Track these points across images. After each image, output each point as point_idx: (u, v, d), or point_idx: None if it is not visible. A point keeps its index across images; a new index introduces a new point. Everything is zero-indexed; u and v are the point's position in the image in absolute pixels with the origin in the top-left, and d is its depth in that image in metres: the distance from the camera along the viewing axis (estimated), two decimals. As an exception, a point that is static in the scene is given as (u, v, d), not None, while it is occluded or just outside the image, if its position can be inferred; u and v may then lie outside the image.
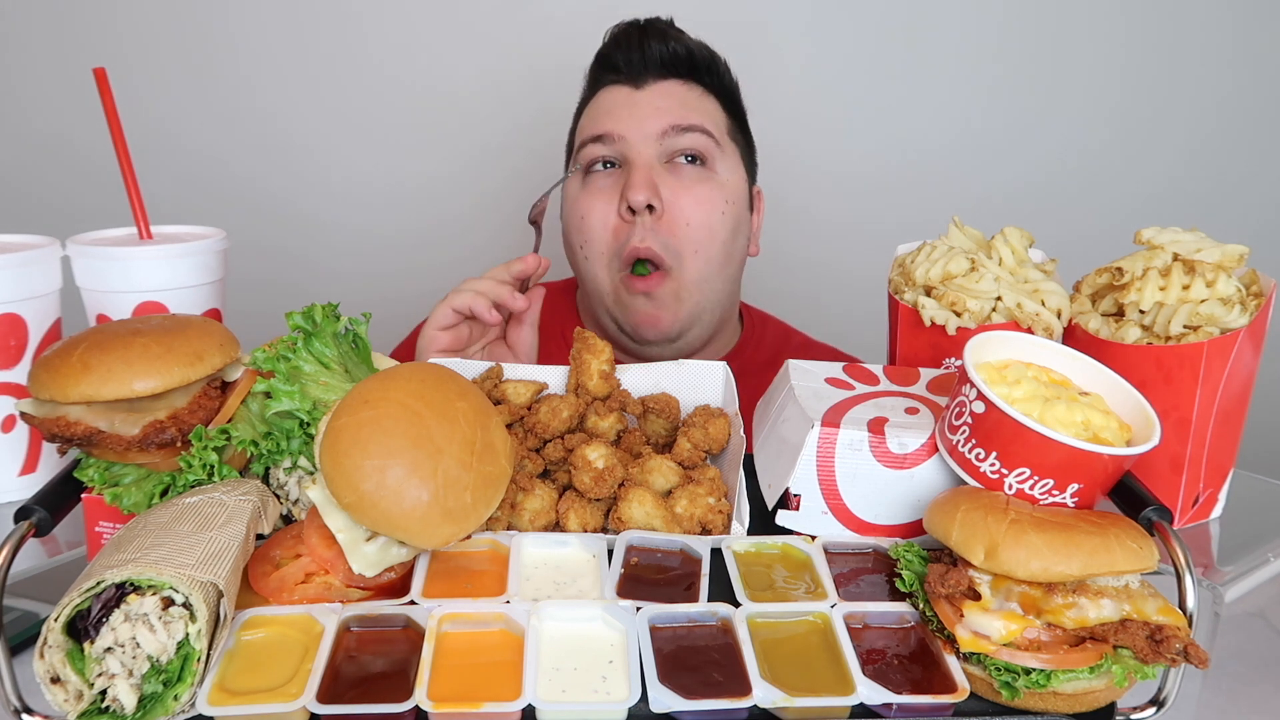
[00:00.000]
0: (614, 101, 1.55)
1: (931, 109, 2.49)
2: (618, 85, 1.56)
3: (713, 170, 1.55)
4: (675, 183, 1.52)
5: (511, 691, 0.81)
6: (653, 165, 1.51)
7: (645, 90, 1.54)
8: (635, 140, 1.51)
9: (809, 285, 2.39)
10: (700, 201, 1.52)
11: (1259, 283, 1.17)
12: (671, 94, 1.54)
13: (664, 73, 1.55)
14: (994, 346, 1.02)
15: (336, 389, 1.02)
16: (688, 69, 1.56)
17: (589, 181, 1.56)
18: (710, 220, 1.53)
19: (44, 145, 2.46)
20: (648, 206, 1.49)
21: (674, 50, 1.54)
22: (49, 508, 0.91)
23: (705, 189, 1.53)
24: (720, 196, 1.54)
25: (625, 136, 1.51)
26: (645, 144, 1.51)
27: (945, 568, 0.88)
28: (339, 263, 2.55)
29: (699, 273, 1.54)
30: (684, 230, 1.51)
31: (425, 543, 0.91)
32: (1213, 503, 1.25)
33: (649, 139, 1.51)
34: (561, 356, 1.26)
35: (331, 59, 2.43)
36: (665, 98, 1.53)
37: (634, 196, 1.48)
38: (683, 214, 1.51)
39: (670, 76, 1.55)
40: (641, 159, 1.51)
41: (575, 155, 1.59)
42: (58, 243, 1.31)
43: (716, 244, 1.54)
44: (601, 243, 1.54)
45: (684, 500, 1.06)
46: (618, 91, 1.56)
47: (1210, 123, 2.49)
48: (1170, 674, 0.86)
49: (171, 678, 0.80)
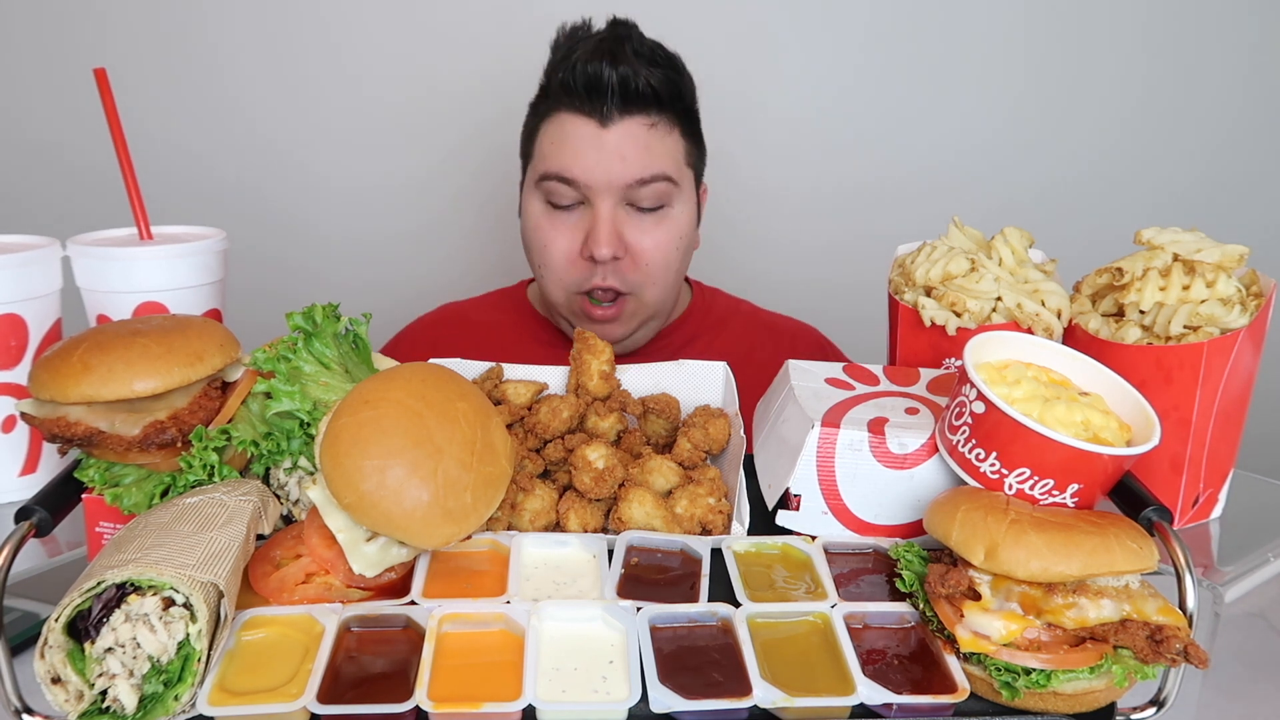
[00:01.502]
0: (580, 138, 1.55)
1: (933, 113, 2.49)
2: (581, 116, 1.55)
3: (670, 209, 1.61)
4: (636, 227, 1.58)
5: (511, 692, 0.81)
6: (615, 212, 1.57)
7: (611, 130, 1.54)
8: (600, 188, 1.55)
9: (810, 285, 2.39)
10: (659, 245, 1.60)
11: (1259, 283, 1.17)
12: (636, 137, 1.55)
13: (628, 108, 1.54)
14: (994, 347, 1.02)
15: (337, 389, 1.02)
16: (653, 100, 1.56)
17: (550, 215, 1.60)
18: (667, 258, 1.61)
19: (44, 146, 2.46)
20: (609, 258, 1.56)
21: (639, 88, 1.53)
22: (49, 508, 0.91)
23: (663, 232, 1.60)
24: (676, 234, 1.62)
25: (591, 185, 1.55)
26: (610, 192, 1.55)
27: (945, 568, 0.88)
28: (338, 261, 2.55)
29: (655, 298, 1.64)
30: (644, 269, 1.60)
31: (425, 543, 0.91)
32: (1213, 503, 1.25)
33: (614, 188, 1.55)
34: (530, 359, 1.27)
35: (322, 61, 2.44)
36: (631, 141, 1.55)
37: (599, 251, 1.54)
38: (643, 255, 1.59)
39: (635, 112, 1.56)
40: (605, 207, 1.56)
41: (538, 182, 1.60)
42: (58, 243, 1.31)
43: (671, 274, 1.64)
44: (562, 271, 1.61)
45: (684, 500, 1.06)
46: (582, 126, 1.55)
47: (1210, 123, 2.49)
48: (1170, 674, 0.86)
49: (172, 678, 0.80)
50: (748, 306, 1.89)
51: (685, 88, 1.62)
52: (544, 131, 1.61)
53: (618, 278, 1.58)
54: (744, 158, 2.47)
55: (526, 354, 1.28)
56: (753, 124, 2.49)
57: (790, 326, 1.86)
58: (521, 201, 1.67)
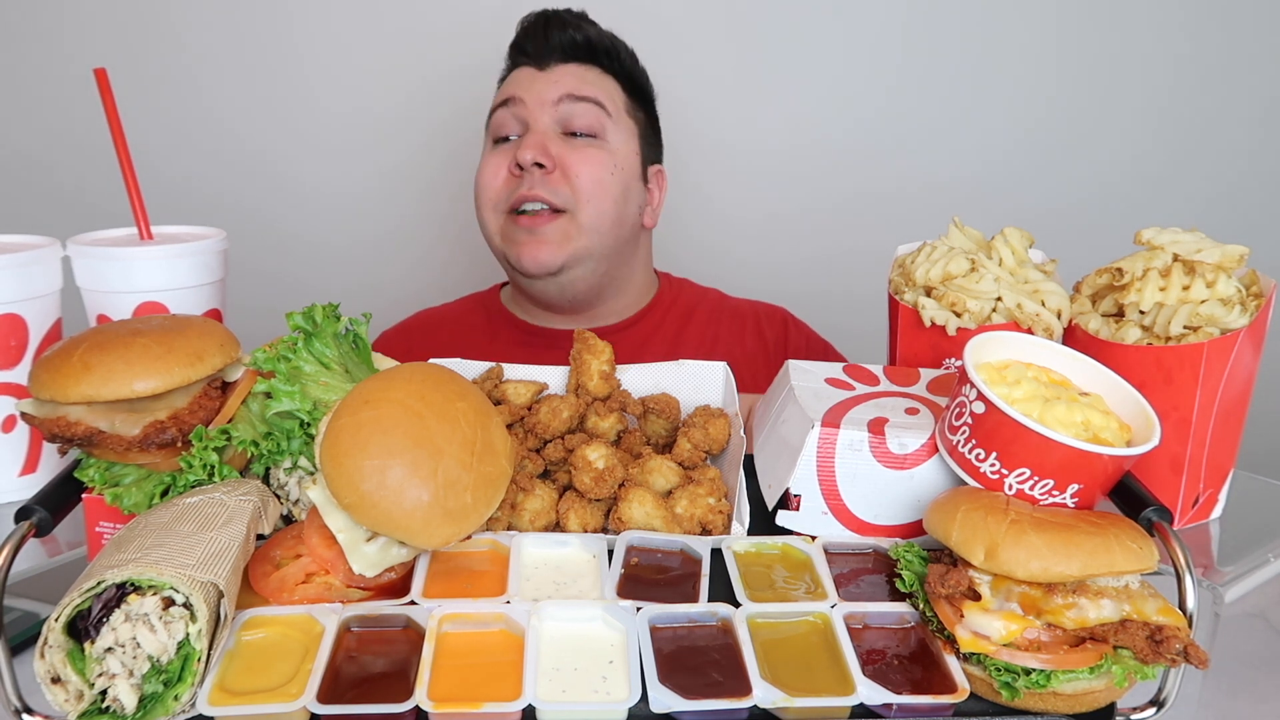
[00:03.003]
0: (520, 77, 1.72)
1: (931, 123, 2.49)
2: (523, 68, 1.73)
3: (604, 140, 1.70)
4: (566, 147, 1.67)
5: (511, 691, 0.81)
6: (547, 132, 1.66)
7: (548, 71, 1.71)
8: (533, 105, 1.67)
9: (809, 285, 2.39)
10: (588, 160, 1.66)
11: (1259, 283, 1.17)
12: (570, 73, 1.71)
13: (565, 57, 1.71)
14: (994, 347, 1.02)
15: (337, 389, 1.02)
16: (587, 54, 1.72)
17: (493, 150, 1.72)
18: (598, 175, 1.66)
19: (44, 146, 2.46)
20: (536, 164, 1.63)
21: (574, 38, 1.70)
22: (49, 508, 0.91)
23: (593, 151, 1.68)
24: (609, 159, 1.69)
25: (524, 100, 1.67)
26: (542, 109, 1.67)
27: (945, 568, 0.88)
28: (337, 262, 2.56)
29: (591, 220, 1.65)
30: (574, 182, 1.65)
31: (425, 543, 0.91)
32: (1213, 503, 1.25)
33: (545, 104, 1.67)
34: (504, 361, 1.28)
35: (308, 64, 2.45)
36: (565, 75, 1.70)
37: (522, 155, 1.63)
38: (571, 169, 1.65)
39: (572, 60, 1.71)
40: (538, 125, 1.66)
41: (487, 126, 1.75)
42: (58, 243, 1.31)
43: (608, 198, 1.66)
44: (492, 191, 1.69)
45: (684, 500, 1.06)
46: (524, 71, 1.72)
47: (1210, 123, 2.49)
48: (1170, 674, 0.86)
49: (172, 678, 0.80)
50: (715, 294, 1.92)
51: (624, 52, 1.76)
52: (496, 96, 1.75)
53: (546, 189, 1.63)
54: (740, 172, 2.47)
55: (500, 356, 1.29)
56: (755, 125, 2.49)
57: (756, 309, 1.89)
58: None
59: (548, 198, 1.63)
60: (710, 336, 1.80)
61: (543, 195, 1.62)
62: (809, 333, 1.88)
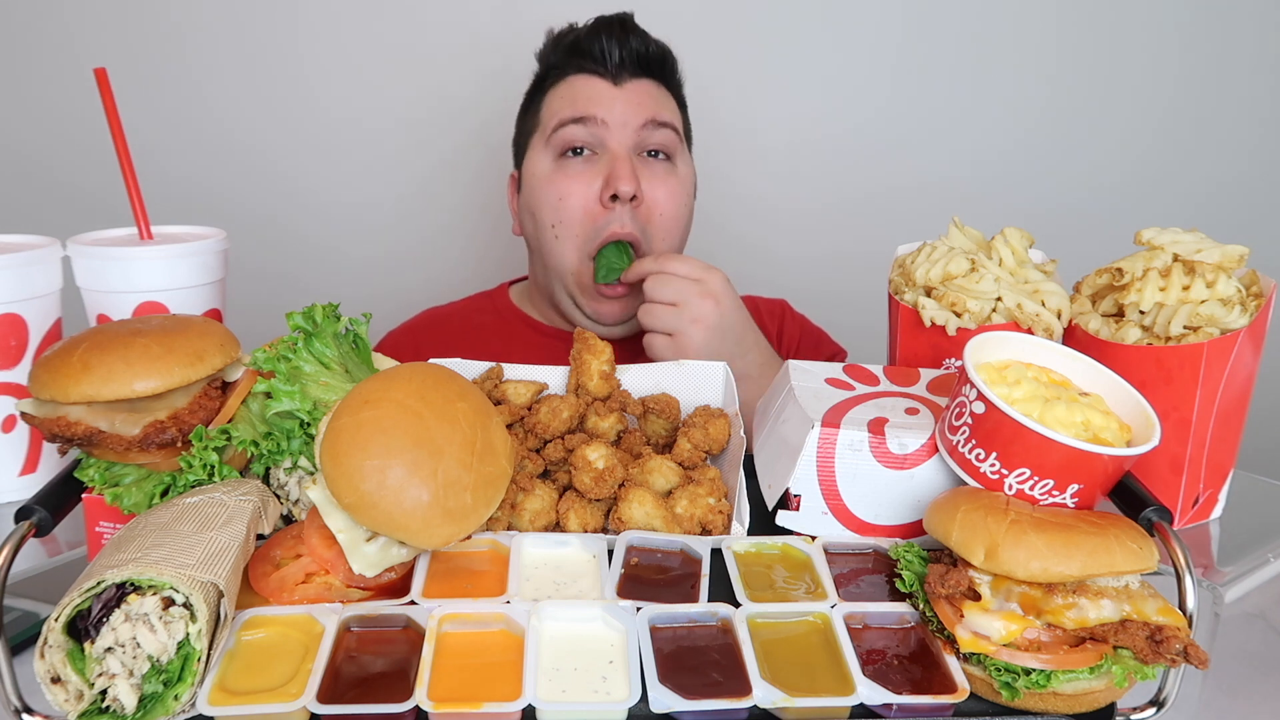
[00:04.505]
0: (595, 91, 1.62)
1: (934, 122, 2.49)
2: (594, 76, 1.63)
3: (675, 165, 1.67)
4: (650, 174, 1.62)
5: (511, 691, 0.81)
6: (632, 157, 1.61)
7: (623, 87, 1.63)
8: (616, 128, 1.60)
9: (810, 284, 2.39)
10: (672, 194, 1.64)
11: (1259, 283, 1.17)
12: (646, 92, 1.64)
13: (638, 71, 1.64)
14: (994, 347, 1.02)
15: (337, 389, 1.02)
16: (659, 69, 1.66)
17: (564, 165, 1.63)
18: (678, 210, 1.65)
19: (45, 146, 2.46)
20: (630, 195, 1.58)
21: (650, 51, 1.64)
22: (49, 508, 0.91)
23: (674, 181, 1.65)
24: (684, 189, 1.67)
25: (608, 123, 1.60)
26: (625, 133, 1.61)
27: (945, 568, 0.88)
28: (338, 265, 2.56)
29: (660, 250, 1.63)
30: (657, 219, 1.62)
31: (425, 543, 0.91)
32: (1213, 503, 1.25)
33: (629, 129, 1.61)
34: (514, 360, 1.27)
35: (318, 66, 2.44)
36: (642, 95, 1.63)
37: (622, 186, 1.57)
38: (658, 204, 1.62)
39: (643, 75, 1.64)
40: (622, 149, 1.60)
41: (550, 134, 1.64)
42: (58, 243, 1.31)
43: (680, 230, 1.67)
44: (577, 224, 1.61)
45: (684, 500, 1.06)
46: (596, 83, 1.63)
47: (1210, 123, 2.49)
48: (1170, 674, 0.86)
49: (172, 678, 0.80)
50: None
51: (677, 68, 1.71)
52: (553, 93, 1.66)
53: (635, 223, 1.59)
54: (744, 168, 2.47)
55: (510, 355, 1.29)
56: (755, 127, 2.49)
57: (757, 304, 1.89)
58: (524, 175, 1.69)
59: (637, 234, 1.59)
60: None
61: (634, 232, 1.59)
62: (804, 321, 1.89)
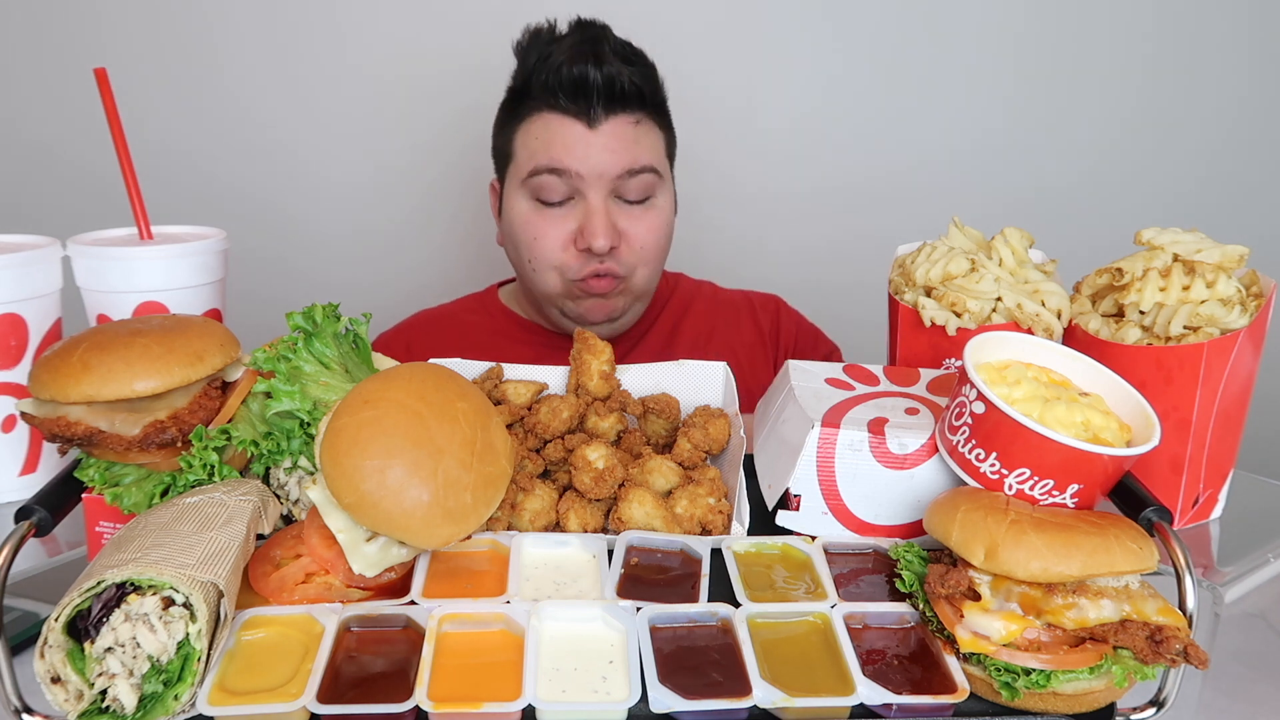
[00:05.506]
0: (570, 136, 1.57)
1: (931, 112, 2.49)
2: (567, 118, 1.57)
3: (655, 199, 1.66)
4: (627, 216, 1.62)
5: (511, 691, 0.81)
6: (608, 206, 1.60)
7: (598, 131, 1.57)
8: (591, 179, 1.58)
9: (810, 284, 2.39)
10: (651, 228, 1.64)
11: (1259, 283, 1.17)
12: (623, 135, 1.58)
13: (611, 106, 1.57)
14: (994, 347, 1.02)
15: (337, 389, 1.02)
16: (637, 101, 1.59)
17: (540, 210, 1.62)
18: (658, 242, 1.66)
19: (44, 146, 2.46)
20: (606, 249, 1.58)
21: (624, 87, 1.56)
22: (49, 508, 0.91)
23: (652, 217, 1.65)
24: (663, 221, 1.67)
25: (583, 175, 1.57)
26: (601, 183, 1.58)
27: (945, 568, 0.88)
28: (338, 262, 2.55)
29: (645, 280, 1.68)
30: (638, 252, 1.64)
31: (425, 543, 0.91)
32: (1213, 503, 1.25)
33: (605, 179, 1.58)
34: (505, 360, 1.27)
35: (316, 58, 2.44)
36: (618, 139, 1.58)
37: (596, 243, 1.57)
38: (636, 240, 1.63)
39: (619, 111, 1.58)
40: (598, 199, 1.58)
41: (524, 178, 1.61)
42: (58, 243, 1.31)
43: (661, 256, 1.69)
44: (554, 263, 1.63)
45: (684, 500, 1.06)
46: (571, 127, 1.57)
47: (1210, 123, 2.49)
48: (1170, 674, 0.86)
49: (172, 678, 0.80)
50: (709, 288, 1.93)
51: (657, 82, 1.66)
52: (526, 131, 1.62)
53: (616, 262, 1.61)
54: (738, 159, 2.47)
55: (502, 355, 1.29)
56: (746, 124, 2.49)
57: (750, 298, 1.90)
58: (504, 204, 1.69)
59: (618, 271, 1.62)
60: (707, 329, 1.82)
61: (615, 270, 1.61)
62: (799, 319, 1.90)
